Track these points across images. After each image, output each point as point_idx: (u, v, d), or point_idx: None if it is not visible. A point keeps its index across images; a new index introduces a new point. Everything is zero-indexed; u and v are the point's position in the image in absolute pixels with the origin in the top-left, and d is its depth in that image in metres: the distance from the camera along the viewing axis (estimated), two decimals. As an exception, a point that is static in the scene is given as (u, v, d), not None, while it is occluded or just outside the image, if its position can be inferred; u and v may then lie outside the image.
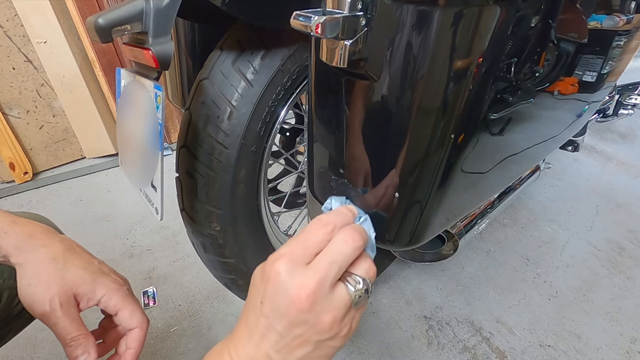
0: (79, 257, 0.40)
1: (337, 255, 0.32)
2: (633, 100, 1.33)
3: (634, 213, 1.42)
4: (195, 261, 1.13)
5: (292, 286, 0.30)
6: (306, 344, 0.31)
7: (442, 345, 0.93)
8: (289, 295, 0.30)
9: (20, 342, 0.91)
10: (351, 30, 0.35)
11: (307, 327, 0.31)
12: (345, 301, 0.31)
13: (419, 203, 0.45)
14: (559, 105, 0.64)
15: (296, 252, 0.32)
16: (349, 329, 0.33)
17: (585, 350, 0.93)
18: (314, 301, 0.30)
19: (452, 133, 0.40)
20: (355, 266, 0.34)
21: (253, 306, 0.33)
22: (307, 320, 0.30)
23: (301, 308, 0.30)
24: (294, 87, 0.59)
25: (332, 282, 0.31)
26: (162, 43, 0.42)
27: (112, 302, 0.40)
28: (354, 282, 0.32)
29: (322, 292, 0.30)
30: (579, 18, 0.51)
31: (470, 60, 0.36)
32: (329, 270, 0.31)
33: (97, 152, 1.70)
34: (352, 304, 0.32)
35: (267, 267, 0.32)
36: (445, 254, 0.84)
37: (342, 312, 0.31)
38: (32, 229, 0.40)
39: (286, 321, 0.31)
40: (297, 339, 0.31)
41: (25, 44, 1.42)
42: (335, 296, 0.31)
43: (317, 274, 0.30)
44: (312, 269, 0.31)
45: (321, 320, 0.31)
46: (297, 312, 0.30)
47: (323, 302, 0.30)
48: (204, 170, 0.58)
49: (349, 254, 0.32)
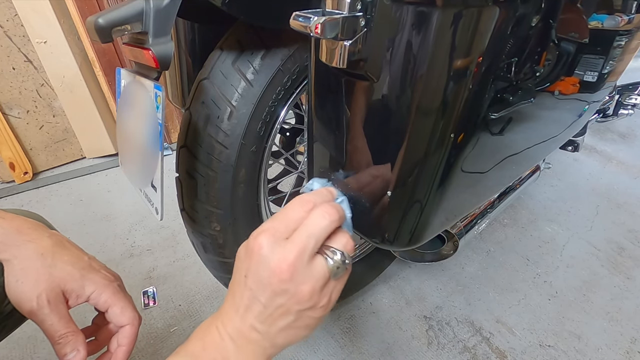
0: (68, 253, 0.40)
1: (314, 228, 0.34)
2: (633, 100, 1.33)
3: (634, 213, 1.42)
4: (195, 261, 1.13)
5: (273, 258, 0.32)
6: (288, 314, 0.33)
7: (442, 345, 0.93)
8: (271, 267, 0.32)
9: (20, 342, 0.91)
10: (351, 31, 0.35)
11: (288, 297, 0.33)
12: (324, 272, 0.34)
13: (418, 203, 0.45)
14: (559, 105, 0.64)
15: (277, 227, 0.34)
16: (328, 299, 0.35)
17: (585, 350, 0.93)
18: (294, 272, 0.32)
19: (452, 133, 0.40)
20: (333, 240, 0.36)
21: (238, 281, 0.35)
22: (287, 289, 0.32)
23: (282, 278, 0.32)
24: (294, 87, 0.59)
25: (310, 254, 0.33)
26: (162, 43, 0.42)
27: (102, 298, 0.40)
28: (331, 254, 0.34)
29: (301, 263, 0.32)
30: (579, 18, 0.51)
31: (469, 60, 0.36)
32: (307, 243, 0.33)
33: (97, 152, 1.70)
34: (330, 275, 0.34)
35: (250, 242, 0.34)
36: (445, 254, 0.84)
37: (320, 282, 0.33)
38: (20, 224, 0.39)
39: (268, 292, 0.33)
40: (279, 309, 0.33)
41: (25, 44, 1.42)
42: (314, 267, 0.33)
43: (296, 247, 0.33)
44: (291, 242, 0.33)
45: (301, 290, 0.33)
46: (278, 282, 0.32)
47: (302, 272, 0.32)
48: (204, 170, 0.58)
49: (325, 227, 0.34)
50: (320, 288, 0.34)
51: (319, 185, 0.44)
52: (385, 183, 0.44)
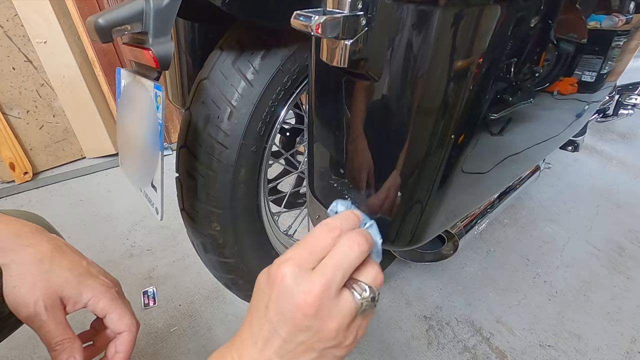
0: (66, 258, 0.39)
1: (342, 259, 0.31)
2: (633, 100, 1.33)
3: (634, 213, 1.42)
4: (195, 261, 1.13)
5: (297, 291, 0.30)
6: (310, 351, 0.31)
7: (442, 345, 0.93)
8: (295, 300, 0.30)
9: (20, 342, 0.91)
10: (351, 30, 0.35)
11: (312, 334, 0.30)
12: (351, 308, 0.31)
13: (419, 203, 0.45)
14: (559, 105, 0.64)
15: (302, 256, 0.32)
16: (354, 338, 0.33)
17: (585, 350, 0.93)
18: (320, 307, 0.30)
19: (453, 133, 0.40)
20: (362, 273, 0.33)
21: (257, 310, 0.33)
22: (311, 326, 0.30)
23: (306, 313, 0.30)
24: (294, 87, 0.59)
25: (337, 288, 0.31)
26: (162, 43, 0.42)
27: (100, 305, 0.39)
28: (360, 290, 0.32)
29: (328, 297, 0.30)
30: (578, 18, 0.51)
31: (470, 60, 0.36)
32: (334, 275, 0.30)
33: (97, 152, 1.70)
34: (357, 312, 0.32)
35: (273, 271, 0.32)
36: (445, 254, 0.84)
37: (347, 319, 0.31)
38: (19, 228, 0.39)
39: (291, 326, 0.30)
40: (301, 345, 0.31)
41: (25, 44, 1.42)
42: (341, 303, 0.31)
43: (323, 279, 0.30)
44: (317, 274, 0.31)
45: (326, 327, 0.30)
46: (302, 318, 0.30)
47: (328, 308, 0.30)
48: (204, 170, 0.58)
49: (354, 258, 0.32)
50: (347, 326, 0.31)
51: (343, 207, 0.42)
52: (385, 183, 0.44)
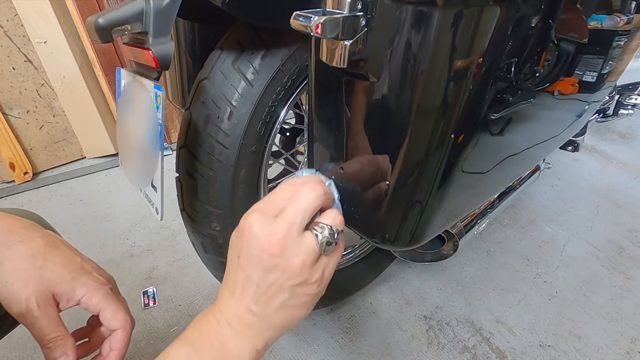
0: (60, 254, 0.39)
1: (300, 202, 0.34)
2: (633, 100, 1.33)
3: (634, 213, 1.42)
4: (195, 261, 1.13)
5: (263, 234, 0.33)
6: (281, 291, 0.34)
7: (442, 345, 0.93)
8: (261, 243, 0.33)
9: (20, 342, 0.91)
10: (351, 31, 0.35)
11: (280, 272, 0.33)
12: (313, 246, 0.34)
13: (419, 203, 0.45)
14: (559, 105, 0.64)
15: (266, 206, 0.35)
16: (320, 275, 0.35)
17: (585, 350, 0.93)
18: (284, 246, 0.33)
19: (452, 133, 0.40)
20: (322, 216, 0.36)
21: (231, 264, 0.36)
22: (278, 264, 0.33)
23: (272, 253, 0.33)
24: (294, 87, 0.59)
25: (299, 228, 0.34)
26: (162, 43, 0.42)
27: (93, 302, 0.39)
28: (320, 229, 0.35)
29: (291, 237, 0.33)
30: (579, 18, 0.51)
31: (470, 61, 0.36)
32: (295, 217, 0.34)
33: (97, 152, 1.70)
34: (320, 250, 0.35)
35: (241, 223, 0.35)
36: (445, 254, 0.84)
37: (310, 256, 0.34)
38: (12, 223, 0.38)
39: (260, 269, 0.33)
40: (272, 286, 0.34)
41: (25, 44, 1.42)
42: (303, 241, 0.34)
43: (285, 222, 0.33)
44: (280, 219, 0.34)
45: (291, 264, 0.33)
46: (269, 258, 0.33)
47: (292, 247, 0.33)
48: (204, 170, 0.58)
49: (311, 201, 0.35)
50: (312, 263, 0.34)
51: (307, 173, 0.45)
52: (385, 183, 0.44)
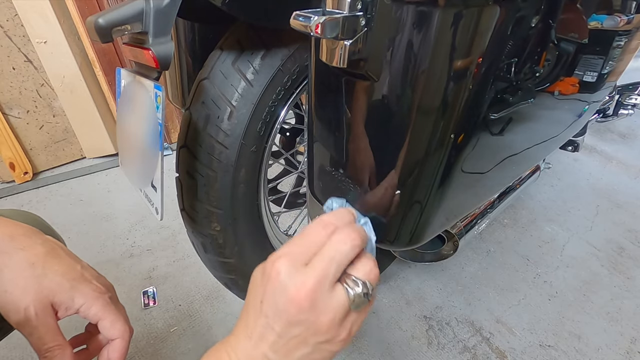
0: (60, 262, 0.38)
1: (334, 253, 0.31)
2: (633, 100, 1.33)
3: (634, 213, 1.42)
4: (195, 261, 1.13)
5: (291, 285, 0.30)
6: (304, 345, 0.31)
7: (442, 345, 0.93)
8: (289, 294, 0.30)
9: (20, 342, 0.91)
10: (351, 31, 0.35)
11: (305, 328, 0.31)
12: (344, 303, 0.31)
13: (419, 203, 0.45)
14: (559, 105, 0.64)
15: (296, 252, 0.32)
16: (347, 333, 0.33)
17: (585, 350, 0.93)
18: (313, 300, 0.30)
19: (452, 133, 0.40)
20: (355, 268, 0.33)
21: (253, 306, 0.33)
22: (305, 320, 0.30)
23: (300, 307, 0.30)
24: (294, 87, 0.59)
25: (331, 282, 0.31)
26: (162, 43, 0.42)
27: (92, 311, 0.39)
28: (352, 284, 0.32)
29: (321, 291, 0.30)
30: (579, 18, 0.51)
31: (470, 60, 0.36)
32: (328, 269, 0.31)
33: (97, 152, 1.70)
34: (350, 307, 0.32)
35: (268, 267, 0.32)
36: (445, 254, 0.84)
37: (340, 314, 0.31)
38: (13, 230, 0.38)
39: (285, 321, 0.31)
40: (294, 339, 0.31)
41: (25, 44, 1.42)
42: (334, 297, 0.31)
43: (316, 273, 0.30)
44: (311, 268, 0.31)
45: (319, 321, 0.30)
46: (296, 312, 0.30)
47: (322, 302, 0.30)
48: (204, 170, 0.58)
49: (346, 252, 0.32)
50: (340, 320, 0.31)
51: (337, 205, 0.42)
52: (385, 183, 0.44)
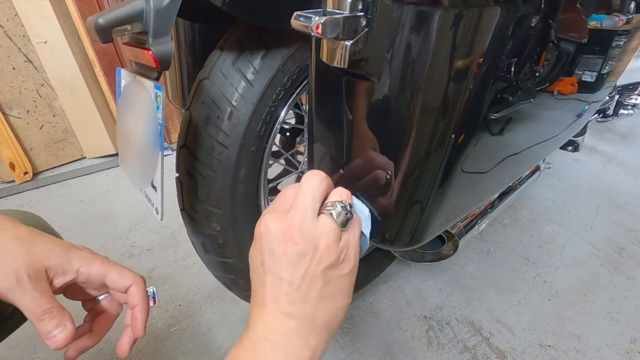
0: (47, 237, 0.37)
1: (307, 188, 0.35)
2: (633, 100, 1.33)
3: (634, 213, 1.42)
4: (195, 261, 1.13)
5: (280, 228, 0.33)
6: (315, 279, 0.32)
7: (442, 345, 0.93)
8: (281, 236, 0.32)
9: (20, 342, 0.91)
10: (352, 31, 0.35)
11: (308, 259, 0.32)
12: (331, 225, 0.34)
13: (419, 203, 0.45)
14: (559, 105, 0.64)
15: (276, 205, 0.36)
16: (346, 252, 0.35)
17: (585, 350, 0.93)
18: (303, 232, 0.32)
19: (453, 133, 0.40)
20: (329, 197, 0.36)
21: (256, 276, 0.35)
22: (303, 251, 0.32)
23: (294, 242, 0.32)
24: (294, 87, 0.59)
25: (313, 212, 0.34)
26: (162, 43, 0.42)
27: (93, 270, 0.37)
28: (331, 207, 0.35)
29: (307, 222, 0.33)
30: (579, 18, 0.51)
31: (470, 61, 0.36)
32: (306, 203, 0.34)
33: (97, 152, 1.70)
34: (338, 226, 0.34)
35: (256, 230, 0.35)
36: (445, 254, 0.84)
37: (332, 235, 0.33)
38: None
39: (287, 263, 0.32)
40: (304, 277, 0.32)
41: (26, 44, 1.42)
42: (320, 224, 0.34)
43: (298, 210, 0.33)
44: (292, 209, 0.34)
45: (316, 247, 0.32)
46: (292, 247, 0.32)
47: (311, 231, 0.33)
48: (204, 170, 0.58)
49: (316, 184, 0.35)
50: (335, 241, 0.33)
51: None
52: (385, 183, 0.44)
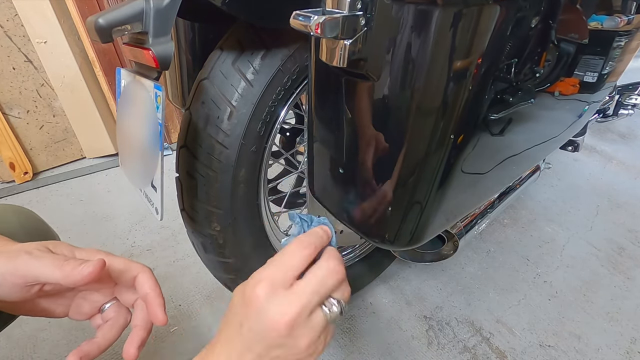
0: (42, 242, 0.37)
1: (320, 287, 0.33)
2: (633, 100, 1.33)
3: (634, 213, 1.42)
4: (195, 261, 1.12)
5: (272, 312, 0.31)
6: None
7: (442, 345, 0.93)
8: (268, 321, 0.31)
9: (20, 342, 0.91)
10: (351, 30, 0.35)
11: (285, 350, 0.32)
12: (322, 324, 0.33)
13: (419, 203, 0.45)
14: (559, 105, 0.64)
15: (276, 276, 0.33)
16: (323, 345, 0.34)
17: (585, 350, 0.93)
18: (293, 327, 0.31)
19: (452, 133, 0.40)
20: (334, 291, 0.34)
21: (233, 326, 0.33)
22: (285, 343, 0.31)
23: (280, 333, 0.31)
24: (294, 87, 0.59)
25: (311, 310, 0.32)
26: (162, 43, 0.42)
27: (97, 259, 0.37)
28: (329, 305, 0.33)
29: (302, 319, 0.31)
30: (579, 19, 0.51)
31: (470, 61, 0.36)
32: (311, 300, 0.32)
33: (97, 152, 1.70)
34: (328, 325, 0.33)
35: (248, 291, 0.33)
36: (445, 254, 0.84)
37: (319, 333, 0.33)
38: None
39: (265, 344, 0.31)
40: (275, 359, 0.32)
41: (26, 44, 1.42)
42: (313, 321, 0.32)
43: (299, 302, 0.31)
44: (294, 295, 0.32)
45: (299, 343, 0.31)
46: (276, 337, 0.31)
47: (302, 328, 0.31)
48: (204, 170, 0.58)
49: (331, 285, 0.33)
50: (317, 338, 0.33)
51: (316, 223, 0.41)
52: (385, 183, 0.44)
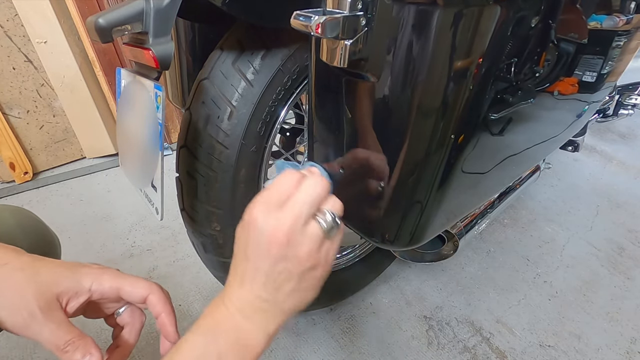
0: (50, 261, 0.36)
1: (308, 196, 0.35)
2: (633, 100, 1.33)
3: (634, 213, 1.42)
4: (195, 261, 1.12)
5: (269, 227, 0.34)
6: (291, 278, 0.35)
7: (442, 345, 0.93)
8: (268, 236, 0.34)
9: (20, 342, 0.91)
10: (351, 30, 0.35)
11: (288, 261, 0.34)
12: (318, 233, 0.35)
13: (419, 203, 0.45)
14: (559, 105, 0.64)
15: (269, 197, 0.35)
16: (325, 259, 0.37)
17: (585, 350, 0.93)
18: (291, 237, 0.33)
19: (452, 133, 0.40)
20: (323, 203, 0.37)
21: (239, 256, 0.37)
22: (286, 254, 0.34)
23: (280, 245, 0.33)
24: (294, 87, 0.59)
25: (305, 220, 0.35)
26: (162, 43, 0.42)
27: (106, 285, 0.36)
28: (322, 216, 0.36)
29: (297, 228, 0.34)
30: (579, 18, 0.51)
31: (470, 61, 0.36)
32: (301, 211, 0.34)
33: (97, 152, 1.70)
34: (324, 236, 0.36)
35: (246, 217, 0.35)
36: (445, 254, 0.84)
37: (316, 243, 0.35)
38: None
39: (268, 260, 0.34)
40: (281, 274, 0.34)
41: (26, 44, 1.42)
42: (309, 231, 0.35)
43: (291, 214, 0.34)
44: (286, 210, 0.34)
45: (299, 253, 0.34)
46: (277, 249, 0.33)
47: (299, 237, 0.34)
48: (204, 170, 0.58)
49: (318, 194, 0.36)
50: (317, 249, 0.35)
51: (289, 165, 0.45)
52: (385, 183, 0.44)
